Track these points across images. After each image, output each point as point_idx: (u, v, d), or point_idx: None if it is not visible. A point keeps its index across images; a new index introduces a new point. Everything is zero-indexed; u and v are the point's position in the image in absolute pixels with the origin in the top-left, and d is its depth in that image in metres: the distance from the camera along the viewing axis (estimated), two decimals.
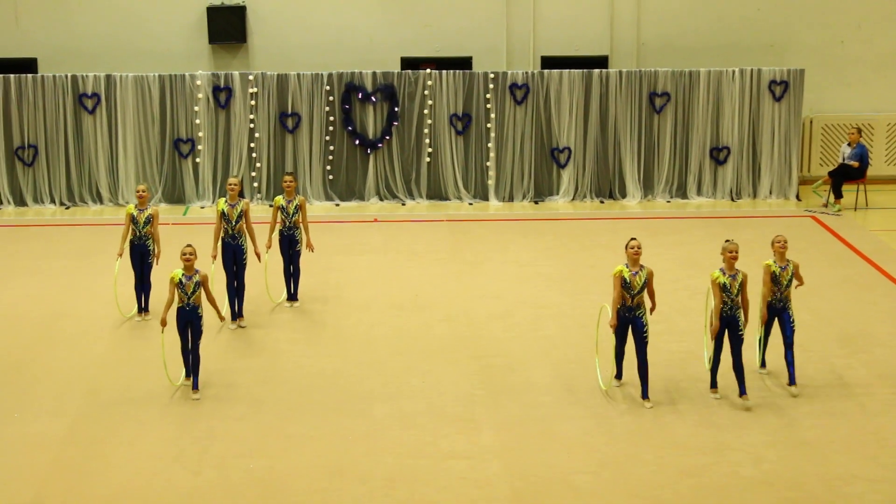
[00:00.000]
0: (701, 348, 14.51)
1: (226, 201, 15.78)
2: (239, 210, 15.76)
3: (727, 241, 13.48)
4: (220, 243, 15.87)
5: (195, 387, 13.60)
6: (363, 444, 12.62)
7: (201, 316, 13.59)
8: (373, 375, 14.38)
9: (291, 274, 16.59)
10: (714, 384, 13.59)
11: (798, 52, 23.30)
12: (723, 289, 13.22)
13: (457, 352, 15.10)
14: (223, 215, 15.76)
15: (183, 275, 13.47)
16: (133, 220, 15.94)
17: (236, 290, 15.85)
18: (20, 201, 22.21)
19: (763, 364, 14.20)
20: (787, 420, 13.01)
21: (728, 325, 13.29)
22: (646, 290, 13.35)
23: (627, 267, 13.30)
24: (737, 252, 13.29)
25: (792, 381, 13.70)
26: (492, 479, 11.87)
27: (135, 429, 12.96)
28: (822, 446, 12.53)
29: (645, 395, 13.42)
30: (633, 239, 13.40)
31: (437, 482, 11.81)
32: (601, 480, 11.86)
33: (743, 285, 13.29)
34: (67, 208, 22.15)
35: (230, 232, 15.78)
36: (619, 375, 13.82)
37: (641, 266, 13.31)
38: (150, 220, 15.95)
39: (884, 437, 12.73)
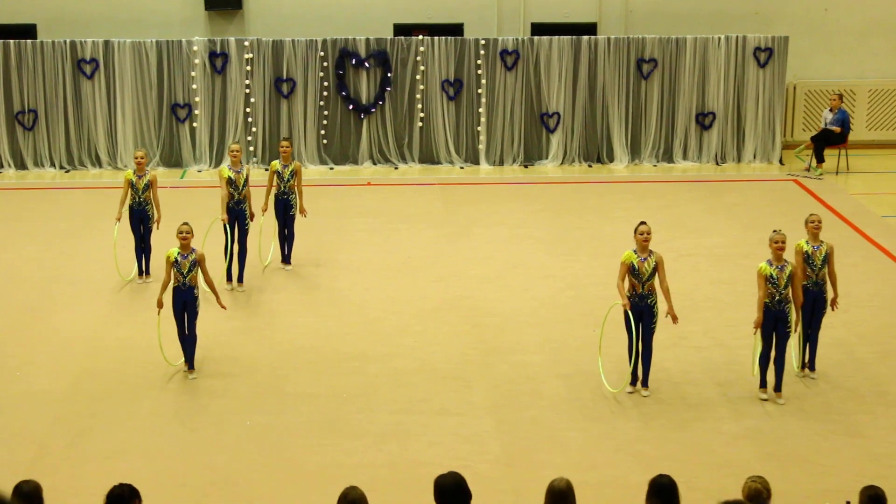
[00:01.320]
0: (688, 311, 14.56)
1: (229, 167, 15.73)
2: (245, 176, 15.77)
3: (774, 231, 12.53)
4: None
5: (191, 367, 13.27)
6: (357, 401, 12.70)
7: (198, 296, 13.19)
8: (366, 335, 14.46)
9: (286, 237, 16.61)
10: (763, 383, 12.66)
11: (782, 20, 23.29)
12: (769, 280, 12.33)
13: (448, 312, 15.17)
14: (230, 182, 15.68)
15: (179, 253, 13.06)
16: (132, 185, 15.92)
17: (238, 255, 15.82)
18: (21, 165, 22.20)
19: (803, 366, 13.21)
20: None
21: (777, 319, 12.41)
22: (657, 281, 12.48)
23: (636, 253, 12.42)
24: (784, 243, 12.39)
25: (811, 367, 13.19)
26: (482, 435, 11.96)
27: (134, 387, 13.02)
28: (802, 402, 12.63)
29: (645, 384, 12.78)
30: (642, 223, 12.52)
31: (428, 438, 11.90)
32: (588, 436, 11.96)
33: (792, 277, 12.44)
34: (67, 172, 22.15)
35: (236, 197, 15.74)
36: (634, 381, 12.81)
37: (651, 252, 12.42)
38: (148, 186, 15.92)
39: (861, 395, 12.85)
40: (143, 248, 16.12)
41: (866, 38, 23.56)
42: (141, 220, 15.99)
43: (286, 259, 16.65)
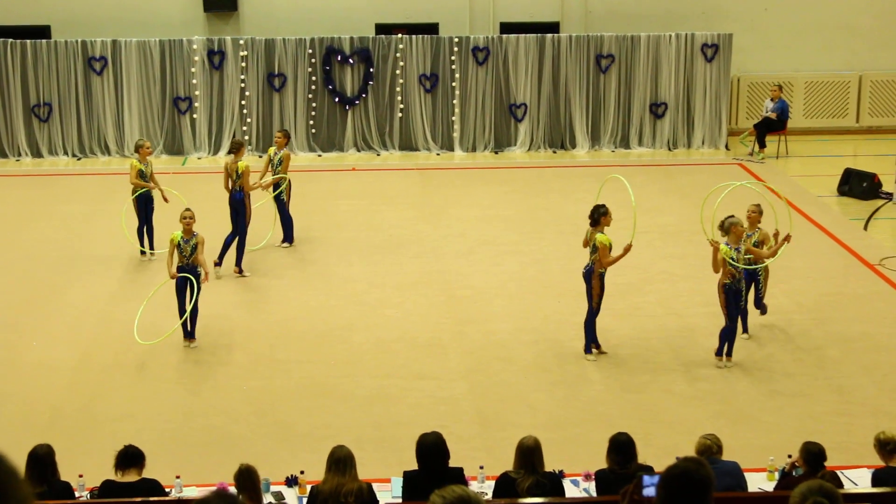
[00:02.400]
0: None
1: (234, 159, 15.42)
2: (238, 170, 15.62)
3: (732, 216, 12.48)
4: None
5: (192, 336, 13.11)
6: (344, 367, 12.58)
7: (199, 274, 13.04)
8: (352, 307, 14.32)
9: (281, 219, 16.39)
10: (719, 352, 12.50)
11: (727, 19, 23.16)
12: (729, 262, 12.22)
13: (426, 286, 15.04)
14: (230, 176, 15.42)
15: (182, 237, 12.99)
16: (141, 173, 15.72)
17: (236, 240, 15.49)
18: (37, 153, 21.93)
19: (745, 329, 13.16)
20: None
21: (735, 295, 12.35)
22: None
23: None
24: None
25: (744, 329, 13.11)
26: (457, 397, 11.86)
27: (141, 356, 12.85)
28: (748, 365, 12.58)
29: (597, 346, 12.78)
30: (606, 207, 12.69)
31: (409, 400, 11.80)
32: (553, 398, 11.87)
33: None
34: (79, 159, 21.88)
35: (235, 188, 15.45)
36: (588, 349, 12.72)
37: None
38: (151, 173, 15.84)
39: (800, 359, 12.79)
40: (148, 228, 15.93)
41: (802, 35, 23.46)
42: (146, 202, 15.81)
43: (287, 239, 16.43)
